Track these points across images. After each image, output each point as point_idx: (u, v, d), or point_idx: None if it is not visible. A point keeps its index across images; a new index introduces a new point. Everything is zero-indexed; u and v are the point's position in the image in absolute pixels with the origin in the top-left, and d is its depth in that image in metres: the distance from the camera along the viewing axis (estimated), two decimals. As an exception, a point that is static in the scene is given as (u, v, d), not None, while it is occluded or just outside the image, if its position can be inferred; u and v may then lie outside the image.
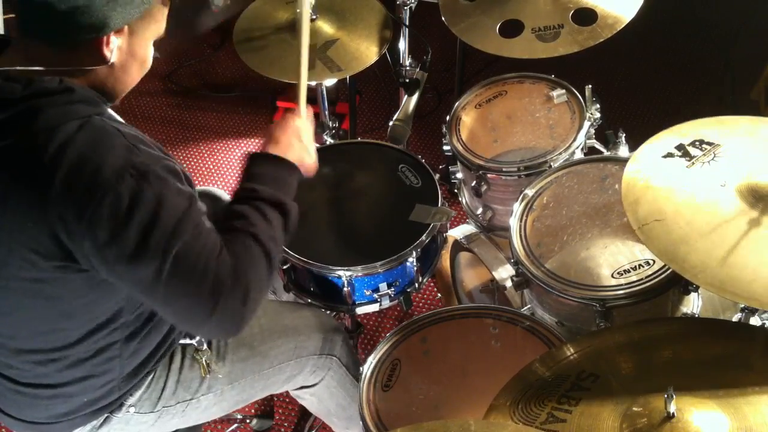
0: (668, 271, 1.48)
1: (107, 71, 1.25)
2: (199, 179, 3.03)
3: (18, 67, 1.20)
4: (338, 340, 1.74)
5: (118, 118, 1.37)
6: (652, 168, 1.40)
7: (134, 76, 1.31)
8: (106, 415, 1.47)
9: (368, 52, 2.00)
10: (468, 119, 2.01)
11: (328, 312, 1.89)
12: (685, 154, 1.40)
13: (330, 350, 1.71)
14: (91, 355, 1.36)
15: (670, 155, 1.41)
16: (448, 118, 2.00)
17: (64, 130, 1.17)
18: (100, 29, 1.18)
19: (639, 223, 1.31)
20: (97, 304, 1.31)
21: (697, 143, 1.42)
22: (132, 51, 1.26)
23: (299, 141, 1.47)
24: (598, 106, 1.92)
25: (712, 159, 1.38)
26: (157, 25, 1.28)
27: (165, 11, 1.29)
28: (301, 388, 1.75)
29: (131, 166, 1.17)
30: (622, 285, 1.51)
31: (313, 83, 2.28)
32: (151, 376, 1.49)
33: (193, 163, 3.12)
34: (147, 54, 1.31)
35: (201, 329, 1.36)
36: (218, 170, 3.08)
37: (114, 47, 1.22)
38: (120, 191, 1.15)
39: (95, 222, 1.15)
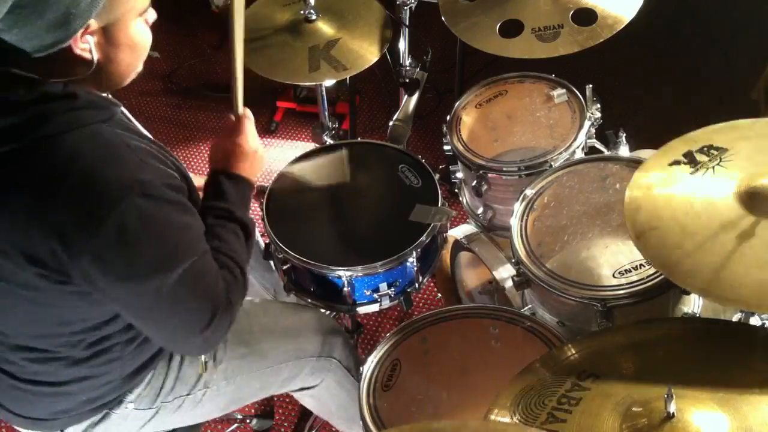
0: (668, 271, 1.48)
1: (96, 69, 1.19)
2: (200, 179, 3.03)
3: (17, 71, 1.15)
4: (338, 342, 1.73)
5: (132, 118, 1.36)
6: (656, 177, 1.40)
7: (128, 61, 1.23)
8: (105, 411, 1.47)
9: (370, 51, 2.00)
10: (468, 119, 2.01)
11: (328, 313, 1.89)
12: (691, 161, 1.39)
13: (329, 352, 1.71)
14: (90, 356, 1.36)
15: (676, 162, 1.41)
16: (448, 117, 2.00)
17: (70, 140, 1.15)
18: (63, 39, 1.12)
19: (636, 233, 1.32)
20: (91, 313, 1.31)
21: (705, 149, 1.41)
22: (113, 41, 1.18)
23: (256, 154, 1.51)
24: (598, 105, 1.92)
25: (718, 164, 1.37)
26: (132, 4, 1.18)
27: None
28: (301, 389, 1.75)
29: (138, 184, 1.15)
30: (622, 285, 1.51)
31: (315, 84, 2.29)
32: (152, 373, 1.50)
33: (193, 163, 3.12)
34: (134, 36, 1.21)
35: (180, 347, 1.40)
36: (218, 170, 3.08)
37: (90, 46, 1.16)
38: (125, 209, 1.14)
39: (98, 238, 1.14)
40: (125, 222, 1.14)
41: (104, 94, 1.26)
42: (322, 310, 1.85)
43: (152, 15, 1.25)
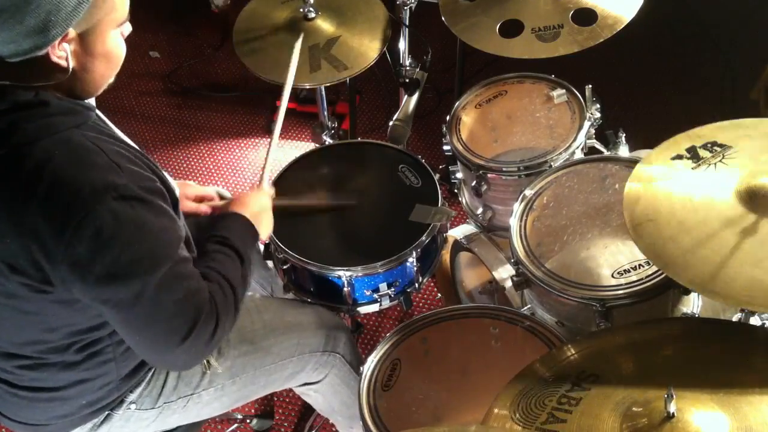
0: (668, 271, 1.48)
1: (71, 77, 1.18)
2: (199, 179, 3.03)
3: None
4: (341, 338, 1.73)
5: (108, 122, 1.34)
6: (657, 169, 1.41)
7: (102, 72, 1.23)
8: (106, 413, 1.47)
9: (371, 47, 2.00)
10: (468, 119, 2.00)
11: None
12: (694, 156, 1.40)
13: (333, 347, 1.71)
14: (82, 360, 1.36)
15: (678, 157, 1.41)
16: (448, 118, 2.00)
17: (42, 147, 1.14)
18: (41, 45, 1.11)
19: (633, 224, 1.32)
20: (75, 319, 1.30)
21: (708, 145, 1.41)
22: (89, 50, 1.18)
23: (264, 215, 1.59)
24: (598, 106, 1.92)
25: (720, 161, 1.37)
26: (111, 16, 1.18)
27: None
28: (305, 384, 1.75)
29: (112, 188, 1.14)
30: (622, 285, 1.51)
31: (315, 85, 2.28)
32: (152, 372, 1.49)
33: (193, 163, 3.12)
34: (110, 47, 1.21)
35: (162, 358, 1.33)
36: (218, 170, 3.08)
37: (67, 54, 1.15)
38: (100, 212, 1.13)
39: (75, 243, 1.13)
40: (101, 225, 1.13)
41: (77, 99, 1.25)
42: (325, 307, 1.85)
43: (128, 28, 1.25)
